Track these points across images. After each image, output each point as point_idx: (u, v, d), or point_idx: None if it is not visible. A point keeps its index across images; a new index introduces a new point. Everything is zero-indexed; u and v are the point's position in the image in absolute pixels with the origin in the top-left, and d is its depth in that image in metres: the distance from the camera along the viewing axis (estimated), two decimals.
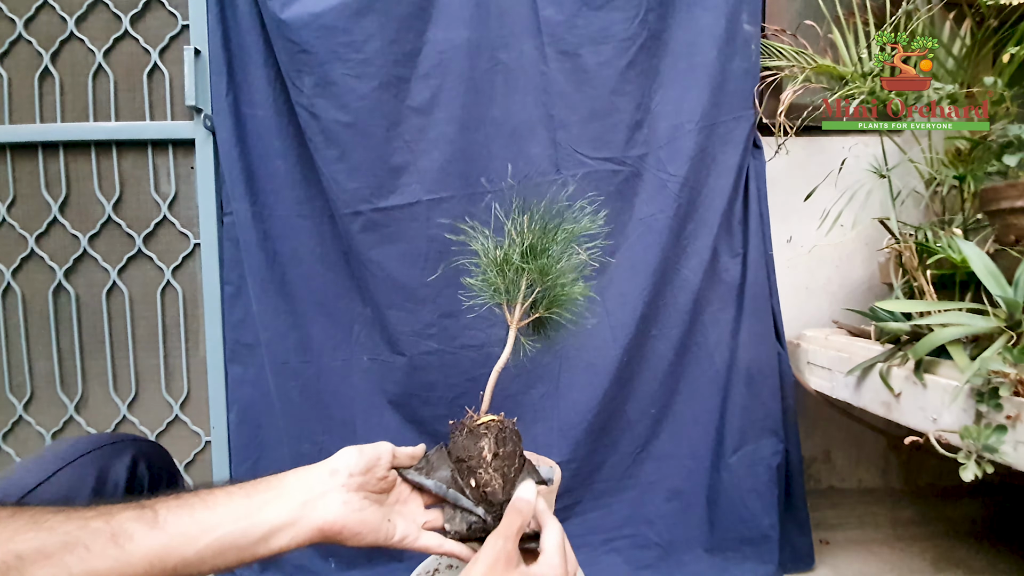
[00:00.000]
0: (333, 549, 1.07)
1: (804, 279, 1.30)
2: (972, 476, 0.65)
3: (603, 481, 1.10)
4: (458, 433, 0.53)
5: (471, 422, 0.54)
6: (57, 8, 1.13)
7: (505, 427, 0.53)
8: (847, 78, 1.04)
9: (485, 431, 0.52)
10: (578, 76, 1.04)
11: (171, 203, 1.16)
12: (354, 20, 0.99)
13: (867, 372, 0.88)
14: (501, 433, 0.52)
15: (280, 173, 1.06)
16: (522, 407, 1.07)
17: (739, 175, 1.06)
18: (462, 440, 0.52)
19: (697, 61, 1.04)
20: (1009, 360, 0.65)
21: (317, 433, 1.07)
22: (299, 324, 1.07)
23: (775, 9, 1.22)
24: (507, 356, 0.57)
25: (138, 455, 0.52)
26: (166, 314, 1.18)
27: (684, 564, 1.04)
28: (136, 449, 0.53)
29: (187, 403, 1.20)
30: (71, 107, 1.16)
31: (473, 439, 0.52)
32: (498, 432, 0.52)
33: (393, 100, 1.02)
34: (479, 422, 0.53)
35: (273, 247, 1.07)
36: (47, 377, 1.19)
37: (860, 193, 1.12)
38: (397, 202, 1.04)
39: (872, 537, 1.18)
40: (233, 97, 1.05)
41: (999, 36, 1.02)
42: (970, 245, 0.78)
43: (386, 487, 0.49)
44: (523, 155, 1.06)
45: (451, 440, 0.54)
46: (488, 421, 0.53)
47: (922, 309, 0.84)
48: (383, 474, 0.48)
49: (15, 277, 1.17)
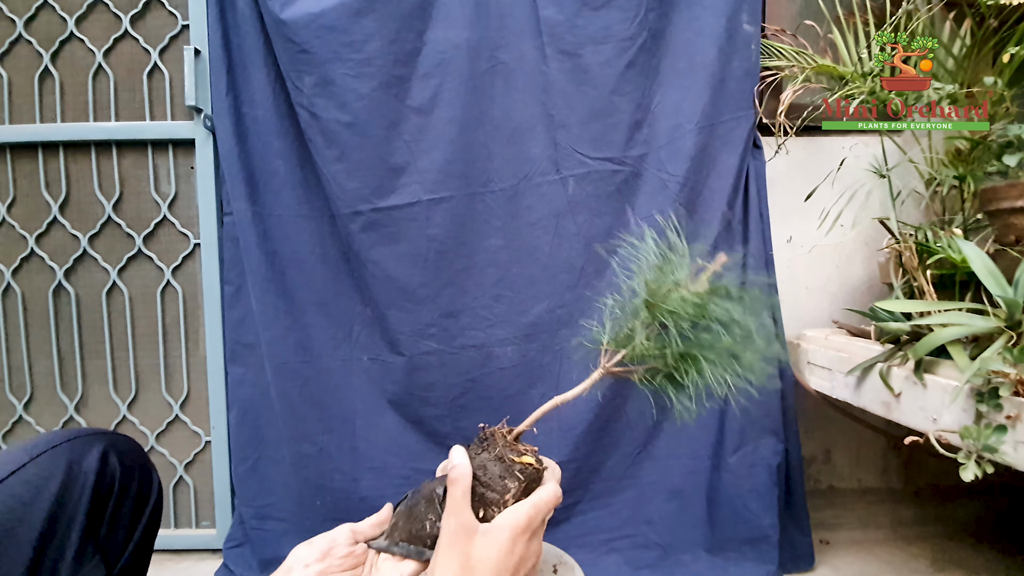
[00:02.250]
0: None
1: (804, 279, 1.30)
2: (972, 476, 0.65)
3: (603, 481, 1.10)
4: (487, 451, 0.49)
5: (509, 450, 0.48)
6: (57, 8, 1.13)
7: (537, 477, 0.48)
8: (847, 78, 1.04)
9: (520, 473, 0.47)
10: (578, 76, 1.04)
11: (171, 203, 1.16)
12: (354, 20, 0.99)
13: (867, 372, 0.88)
14: (531, 484, 0.48)
15: (280, 173, 1.06)
16: (522, 407, 1.07)
17: (739, 175, 1.06)
18: (490, 462, 0.48)
19: (697, 61, 1.04)
20: (1009, 360, 0.65)
21: (317, 433, 1.07)
22: (299, 324, 1.07)
23: (775, 9, 1.22)
24: (579, 393, 0.51)
25: (108, 448, 0.52)
26: (166, 314, 1.18)
27: (684, 564, 1.04)
28: (107, 442, 0.53)
29: (187, 403, 1.20)
30: (71, 107, 1.16)
31: (504, 471, 0.47)
32: (529, 483, 0.48)
33: (393, 100, 1.02)
34: (520, 461, 0.48)
35: (273, 247, 1.07)
36: (47, 377, 1.19)
37: (860, 193, 1.12)
38: (397, 202, 1.04)
39: (872, 537, 1.18)
40: (233, 97, 1.05)
41: (999, 36, 1.02)
42: (970, 245, 0.78)
43: (356, 562, 0.49)
44: (523, 155, 1.05)
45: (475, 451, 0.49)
46: (528, 464, 0.48)
47: (922, 309, 0.84)
48: (344, 553, 0.48)
49: (15, 277, 1.17)
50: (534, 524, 0.45)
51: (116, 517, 0.52)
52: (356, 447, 1.07)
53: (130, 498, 0.53)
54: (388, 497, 1.05)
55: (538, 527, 0.46)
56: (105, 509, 0.51)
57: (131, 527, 0.54)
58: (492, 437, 0.50)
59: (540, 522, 0.46)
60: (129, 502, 0.53)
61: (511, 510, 0.45)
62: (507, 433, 0.51)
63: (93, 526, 0.49)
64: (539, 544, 0.46)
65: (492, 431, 0.51)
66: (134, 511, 0.54)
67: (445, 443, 1.07)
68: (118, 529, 0.52)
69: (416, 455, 1.07)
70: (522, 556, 0.44)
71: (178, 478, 1.19)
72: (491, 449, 0.49)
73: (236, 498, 1.13)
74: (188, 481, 1.20)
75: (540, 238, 1.06)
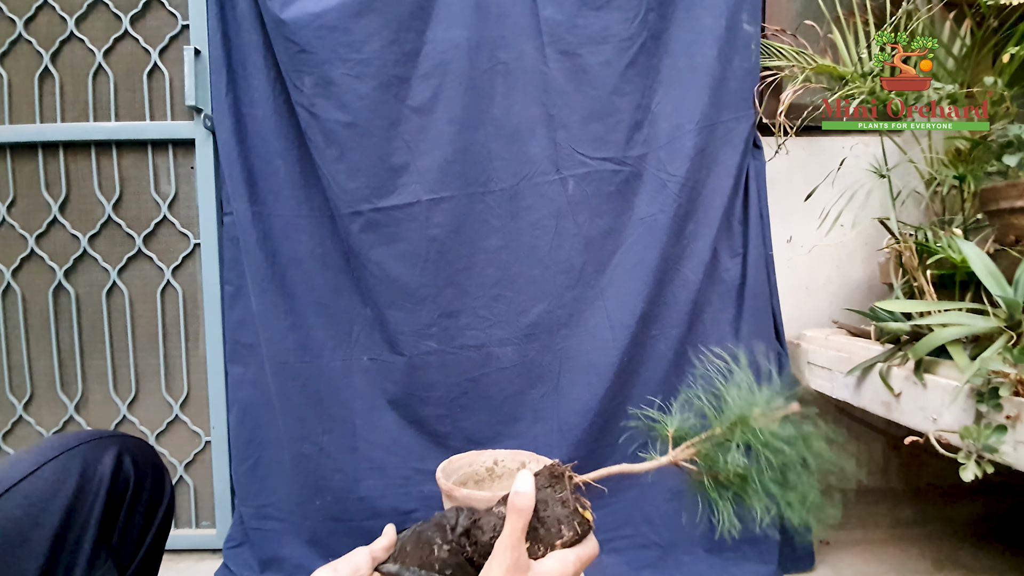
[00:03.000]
0: (333, 548, 1.07)
1: (804, 279, 1.30)
2: (972, 476, 0.65)
3: (603, 481, 1.09)
4: (553, 488, 0.47)
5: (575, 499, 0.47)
6: (57, 8, 1.13)
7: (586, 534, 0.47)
8: (847, 78, 1.04)
9: (579, 526, 0.46)
10: (578, 76, 1.04)
11: (171, 203, 1.16)
12: (354, 20, 0.99)
13: (867, 372, 0.88)
14: (579, 539, 0.46)
15: (280, 173, 1.06)
16: (522, 407, 1.07)
17: (739, 175, 1.06)
18: (554, 503, 0.46)
19: (697, 61, 1.04)
20: (1009, 360, 0.65)
21: (317, 433, 1.07)
22: (299, 324, 1.07)
23: (775, 9, 1.22)
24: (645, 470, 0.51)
25: (123, 450, 0.52)
26: (166, 314, 1.18)
27: (684, 564, 1.04)
28: (121, 444, 0.53)
29: (187, 403, 1.20)
30: (71, 107, 1.16)
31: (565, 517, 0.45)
32: (582, 536, 0.46)
33: (393, 100, 1.02)
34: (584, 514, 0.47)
35: (273, 247, 1.07)
36: (47, 377, 1.19)
37: (860, 193, 1.12)
38: (397, 202, 1.04)
39: (872, 537, 1.18)
40: (233, 97, 1.05)
41: (999, 36, 1.02)
42: (970, 245, 0.78)
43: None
44: (523, 155, 1.05)
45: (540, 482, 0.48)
46: (587, 520, 0.47)
47: (922, 309, 0.84)
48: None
49: (15, 277, 1.17)
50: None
51: (129, 520, 0.52)
52: (356, 447, 1.07)
53: (143, 501, 0.54)
54: (388, 497, 1.06)
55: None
56: (119, 512, 0.51)
57: (144, 530, 0.54)
58: (562, 478, 0.48)
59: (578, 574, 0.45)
60: (142, 505, 0.53)
61: (560, 558, 0.43)
62: (572, 477, 0.49)
63: (107, 529, 0.49)
64: None
65: (563, 470, 0.49)
66: (147, 514, 0.54)
67: (445, 443, 1.07)
68: (131, 532, 0.52)
69: (416, 455, 1.07)
70: None
71: (178, 478, 1.19)
72: (559, 490, 0.47)
73: (236, 498, 1.13)
74: (188, 481, 1.20)
75: (540, 238, 1.06)
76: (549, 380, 1.08)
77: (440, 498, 0.69)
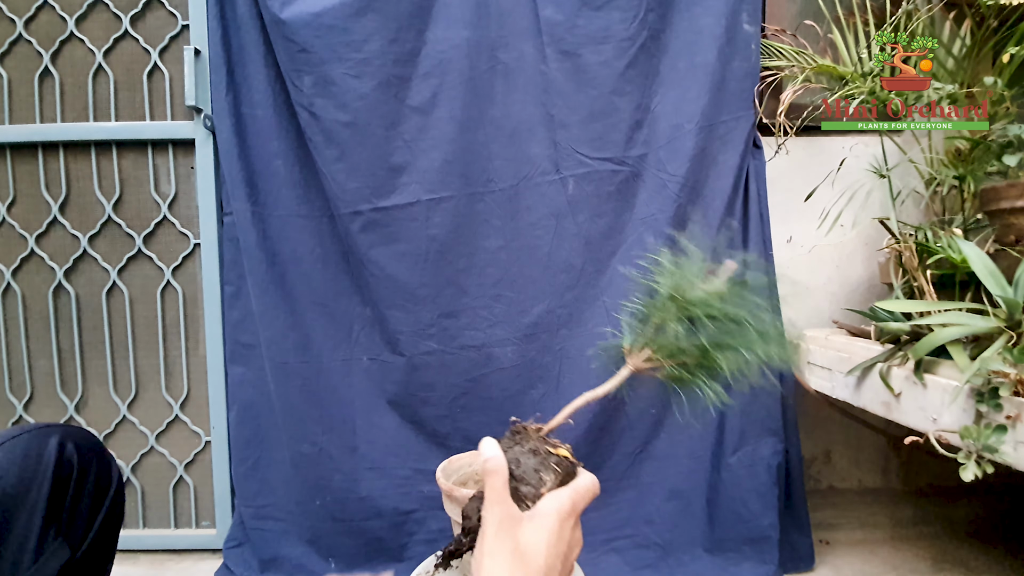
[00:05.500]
0: (333, 548, 1.07)
1: (804, 279, 1.30)
2: (972, 476, 0.65)
3: (603, 481, 1.07)
4: (520, 444, 0.47)
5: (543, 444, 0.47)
6: (57, 8, 1.13)
7: (573, 471, 0.47)
8: (847, 78, 1.04)
9: (557, 466, 0.46)
10: (578, 76, 1.04)
11: (171, 203, 1.16)
12: (354, 20, 0.99)
13: (867, 372, 0.88)
14: (567, 478, 0.46)
15: (280, 173, 1.06)
16: (522, 407, 1.07)
17: (739, 175, 1.06)
18: (524, 455, 0.46)
19: (697, 61, 1.04)
20: (1009, 360, 0.65)
21: (317, 433, 1.07)
22: (299, 324, 1.07)
23: (775, 9, 1.22)
24: (609, 390, 0.51)
25: (65, 437, 0.55)
26: (166, 314, 1.18)
27: (684, 564, 1.04)
28: (63, 432, 0.55)
29: (187, 403, 1.20)
30: (71, 107, 1.16)
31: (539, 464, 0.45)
32: (566, 476, 0.46)
33: (393, 100, 1.02)
34: (556, 452, 0.47)
35: (273, 247, 1.07)
36: (47, 377, 1.19)
37: (860, 193, 1.12)
38: (397, 202, 1.04)
39: (872, 537, 1.18)
40: (233, 97, 1.05)
41: (999, 36, 1.02)
42: (970, 245, 0.78)
43: None
44: (523, 155, 1.05)
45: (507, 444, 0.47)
46: (564, 457, 0.47)
47: (922, 309, 0.84)
48: None
49: (15, 277, 1.17)
50: (577, 510, 0.44)
51: (77, 501, 0.54)
52: (356, 447, 1.07)
53: (89, 483, 0.56)
54: (388, 497, 1.06)
55: (579, 515, 0.44)
56: (66, 493, 0.53)
57: (92, 511, 0.56)
58: (524, 431, 0.48)
59: (581, 510, 0.45)
60: (89, 487, 0.56)
61: (554, 496, 0.43)
62: (538, 428, 0.49)
63: (54, 510, 0.52)
64: (581, 533, 0.45)
65: (524, 425, 0.49)
66: (95, 496, 0.56)
67: (445, 443, 1.08)
68: (80, 513, 0.55)
69: (416, 455, 1.07)
70: (570, 542, 0.42)
71: (178, 478, 1.19)
72: (523, 443, 0.47)
73: (236, 498, 1.13)
74: (188, 481, 1.20)
75: (540, 238, 1.06)
76: (549, 380, 1.08)
77: (440, 498, 0.69)
